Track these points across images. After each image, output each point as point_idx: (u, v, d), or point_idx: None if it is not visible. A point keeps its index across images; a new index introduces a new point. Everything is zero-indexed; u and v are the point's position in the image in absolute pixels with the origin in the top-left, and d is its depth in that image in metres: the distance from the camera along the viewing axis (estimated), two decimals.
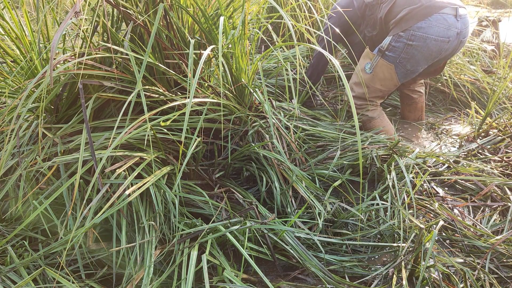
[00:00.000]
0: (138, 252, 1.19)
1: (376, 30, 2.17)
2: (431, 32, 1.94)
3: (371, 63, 2.12)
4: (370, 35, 2.21)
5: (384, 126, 2.23)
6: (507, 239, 1.38)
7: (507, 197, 1.66)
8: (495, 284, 1.21)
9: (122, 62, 1.45)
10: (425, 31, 1.94)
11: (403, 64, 2.04)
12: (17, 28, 1.50)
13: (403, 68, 2.06)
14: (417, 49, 1.98)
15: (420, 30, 1.94)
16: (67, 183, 1.21)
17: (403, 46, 1.99)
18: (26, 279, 1.10)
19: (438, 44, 1.97)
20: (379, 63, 2.09)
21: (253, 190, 1.62)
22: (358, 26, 2.26)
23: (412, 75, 2.14)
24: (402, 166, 1.64)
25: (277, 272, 1.30)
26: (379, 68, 2.10)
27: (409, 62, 2.03)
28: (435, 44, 1.97)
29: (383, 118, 2.26)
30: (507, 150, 2.06)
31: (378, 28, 2.15)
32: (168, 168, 1.38)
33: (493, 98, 2.33)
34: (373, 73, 2.12)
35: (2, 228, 1.33)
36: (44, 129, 1.44)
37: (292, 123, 1.85)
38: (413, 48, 1.98)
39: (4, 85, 1.58)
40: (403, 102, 2.66)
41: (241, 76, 1.63)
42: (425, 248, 1.24)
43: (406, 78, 2.15)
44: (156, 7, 1.44)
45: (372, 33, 2.19)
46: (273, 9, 3.03)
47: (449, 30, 1.96)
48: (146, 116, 1.14)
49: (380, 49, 2.07)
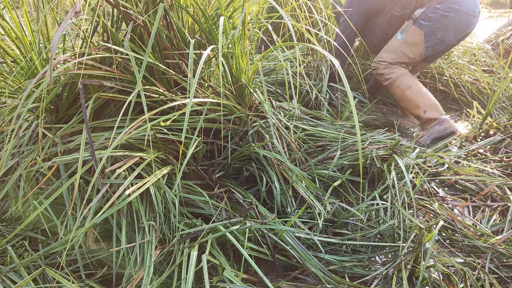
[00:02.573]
0: (138, 252, 1.19)
1: (409, 8, 2.36)
2: (464, 6, 2.22)
3: (402, 29, 2.34)
4: (399, 15, 2.41)
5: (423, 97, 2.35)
6: (507, 239, 1.38)
7: (507, 197, 1.66)
8: (495, 284, 1.21)
9: (122, 62, 1.45)
10: (459, 5, 2.22)
11: (435, 34, 2.26)
12: (17, 28, 1.50)
13: (434, 37, 2.27)
14: (450, 20, 2.22)
15: (456, 3, 2.22)
16: (67, 183, 1.21)
17: (439, 17, 2.23)
18: (26, 279, 1.10)
19: (467, 18, 2.24)
20: (410, 30, 2.31)
21: (253, 190, 1.62)
22: (384, 7, 2.44)
23: (439, 47, 2.33)
24: (402, 166, 1.64)
25: (277, 272, 1.30)
26: (409, 34, 2.31)
27: (441, 31, 2.26)
28: (465, 18, 2.23)
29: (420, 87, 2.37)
30: (507, 150, 2.06)
31: (412, 6, 2.35)
32: (168, 168, 1.38)
33: (493, 98, 2.33)
34: (403, 39, 2.34)
35: (2, 228, 1.33)
36: (44, 129, 1.44)
37: (292, 123, 1.85)
38: (448, 19, 2.22)
39: (4, 85, 1.58)
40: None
41: (241, 76, 1.63)
42: (425, 248, 1.24)
43: (433, 51, 2.34)
44: (156, 7, 1.44)
45: (405, 11, 2.38)
46: (273, 9, 3.02)
47: (476, 7, 2.26)
48: (146, 116, 1.14)
49: (412, 17, 2.30)
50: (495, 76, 2.94)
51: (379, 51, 2.55)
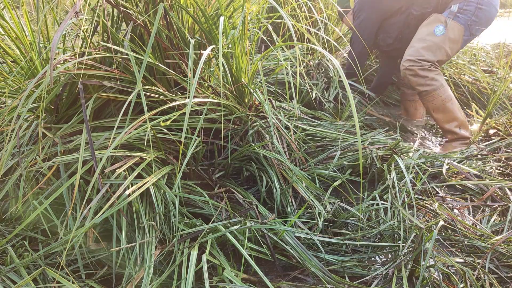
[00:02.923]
0: (138, 252, 1.19)
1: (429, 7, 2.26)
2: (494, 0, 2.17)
3: (443, 25, 2.18)
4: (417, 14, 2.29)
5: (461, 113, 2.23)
6: (507, 239, 1.38)
7: (507, 197, 1.66)
8: (495, 284, 1.21)
9: (122, 62, 1.45)
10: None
11: (471, 27, 2.16)
12: (17, 28, 1.50)
13: (469, 31, 2.18)
14: (484, 13, 2.14)
15: None
16: (67, 183, 1.21)
17: (473, 9, 2.13)
18: (26, 279, 1.10)
19: (494, 12, 2.18)
20: (451, 25, 2.17)
21: (253, 190, 1.62)
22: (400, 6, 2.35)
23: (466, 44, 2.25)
24: (402, 166, 1.64)
25: (277, 272, 1.30)
26: (451, 30, 2.17)
27: (475, 25, 2.16)
28: (494, 11, 2.17)
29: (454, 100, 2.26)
30: (507, 150, 2.06)
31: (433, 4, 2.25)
32: (168, 168, 1.38)
33: (493, 99, 2.32)
34: (444, 35, 2.17)
35: (2, 228, 1.33)
36: (44, 129, 1.44)
37: (292, 123, 1.85)
38: (482, 11, 2.13)
39: (4, 85, 1.58)
40: (409, 99, 2.65)
41: (241, 76, 1.63)
42: (425, 248, 1.24)
43: (464, 46, 2.25)
44: (156, 7, 1.44)
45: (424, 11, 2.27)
46: (273, 9, 3.03)
47: (498, 1, 2.20)
48: (146, 116, 1.14)
49: (451, 12, 2.17)
50: (495, 76, 2.94)
51: (392, 50, 2.46)
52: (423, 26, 2.25)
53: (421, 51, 2.18)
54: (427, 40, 2.18)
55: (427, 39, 2.18)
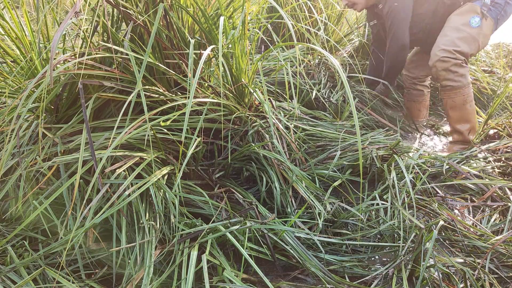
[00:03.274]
0: (138, 252, 1.19)
1: None
2: None
3: (479, 17, 2.08)
4: (449, 3, 2.18)
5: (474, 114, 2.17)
6: (507, 239, 1.38)
7: (507, 197, 1.66)
8: (495, 284, 1.21)
9: (122, 62, 1.45)
10: None
11: (498, 22, 2.13)
12: (17, 28, 1.50)
13: (496, 26, 2.14)
14: (510, 8, 2.09)
15: None
16: (67, 183, 1.21)
17: (503, 3, 2.08)
18: (26, 279, 1.10)
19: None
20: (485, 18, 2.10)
21: (253, 190, 1.62)
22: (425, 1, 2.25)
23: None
24: (402, 166, 1.64)
25: (277, 272, 1.30)
26: (485, 23, 2.09)
27: (502, 20, 2.13)
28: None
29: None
30: (507, 150, 2.06)
31: None
32: (168, 168, 1.38)
33: (496, 102, 2.30)
34: (480, 27, 2.08)
35: (2, 228, 1.33)
36: (44, 129, 1.44)
37: (292, 123, 1.85)
38: (509, 6, 2.09)
39: (4, 85, 1.58)
40: (413, 100, 2.63)
41: (241, 76, 1.63)
42: (425, 248, 1.24)
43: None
44: (156, 7, 1.44)
45: (456, 0, 2.16)
46: (273, 9, 3.02)
47: None
48: (146, 116, 1.14)
49: (485, 4, 2.08)
50: (498, 78, 2.94)
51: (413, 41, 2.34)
52: (456, 15, 2.13)
53: (456, 42, 2.07)
54: (462, 31, 2.07)
55: (462, 29, 2.07)
